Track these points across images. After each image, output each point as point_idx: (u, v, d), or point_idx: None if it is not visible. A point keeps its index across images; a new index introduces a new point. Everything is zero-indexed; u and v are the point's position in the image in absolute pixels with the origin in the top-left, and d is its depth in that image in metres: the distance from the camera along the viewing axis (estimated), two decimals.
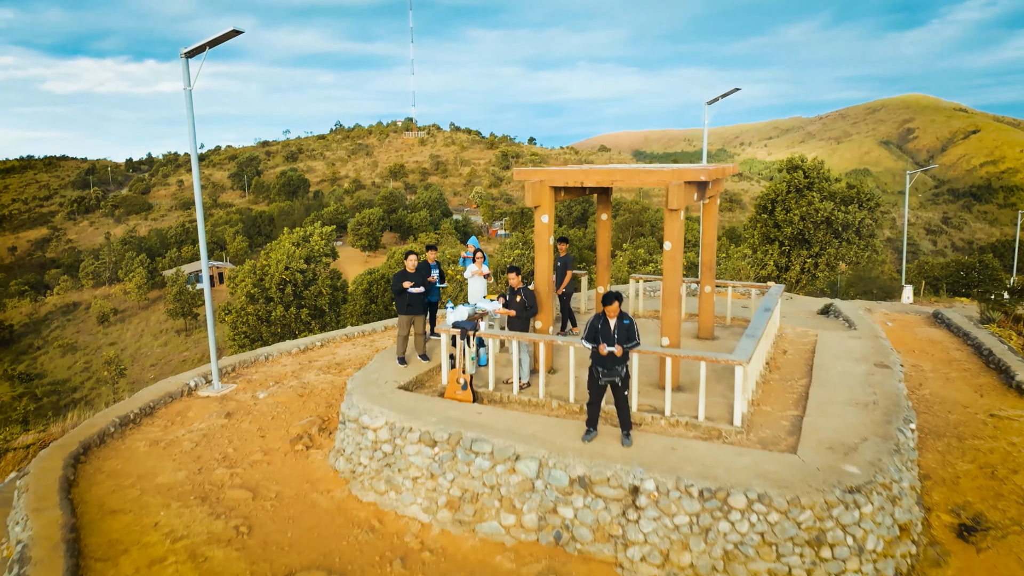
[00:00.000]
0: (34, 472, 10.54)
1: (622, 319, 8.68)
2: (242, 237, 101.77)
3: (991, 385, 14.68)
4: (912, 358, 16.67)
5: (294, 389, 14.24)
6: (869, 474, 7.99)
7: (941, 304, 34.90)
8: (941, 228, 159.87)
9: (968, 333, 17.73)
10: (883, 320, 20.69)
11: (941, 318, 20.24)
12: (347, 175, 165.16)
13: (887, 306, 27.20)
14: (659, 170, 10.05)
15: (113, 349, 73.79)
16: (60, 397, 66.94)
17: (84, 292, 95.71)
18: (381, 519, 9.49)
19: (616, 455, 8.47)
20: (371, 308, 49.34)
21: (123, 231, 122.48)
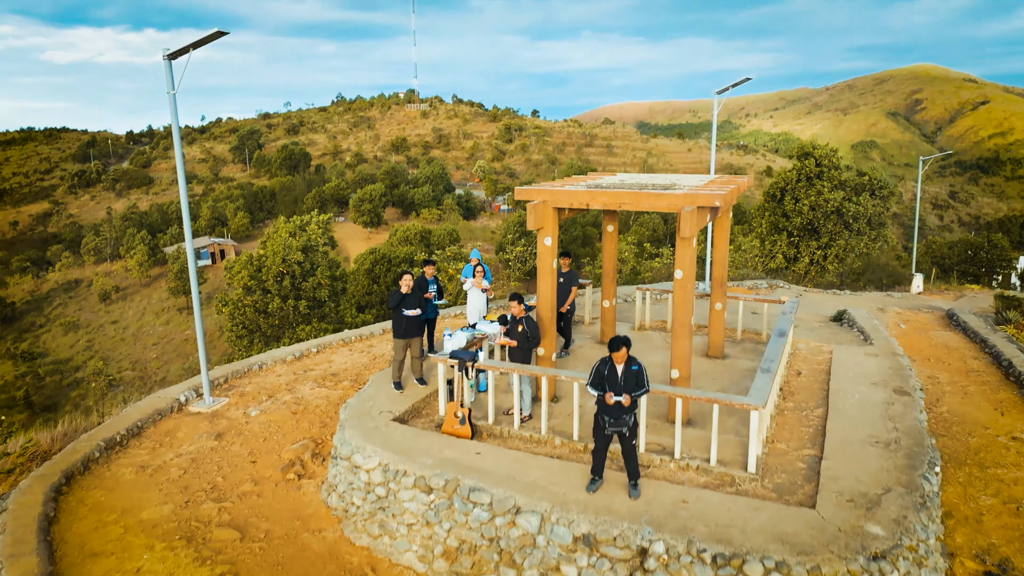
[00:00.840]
0: (12, 508, 10.07)
1: (630, 365, 8.10)
2: (243, 213, 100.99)
3: (1011, 401, 14.12)
4: (928, 368, 16.10)
5: (287, 405, 13.74)
6: (895, 536, 7.46)
7: (951, 293, 34.29)
8: (948, 203, 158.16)
9: (986, 340, 17.13)
10: (896, 321, 20.09)
11: (956, 320, 19.62)
12: (349, 148, 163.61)
13: (898, 300, 26.59)
14: (670, 194, 9.37)
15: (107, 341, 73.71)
16: (63, 376, 66.94)
17: (86, 269, 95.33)
18: (375, 567, 9.02)
19: (623, 510, 7.95)
20: (373, 289, 48.89)
21: (124, 206, 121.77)
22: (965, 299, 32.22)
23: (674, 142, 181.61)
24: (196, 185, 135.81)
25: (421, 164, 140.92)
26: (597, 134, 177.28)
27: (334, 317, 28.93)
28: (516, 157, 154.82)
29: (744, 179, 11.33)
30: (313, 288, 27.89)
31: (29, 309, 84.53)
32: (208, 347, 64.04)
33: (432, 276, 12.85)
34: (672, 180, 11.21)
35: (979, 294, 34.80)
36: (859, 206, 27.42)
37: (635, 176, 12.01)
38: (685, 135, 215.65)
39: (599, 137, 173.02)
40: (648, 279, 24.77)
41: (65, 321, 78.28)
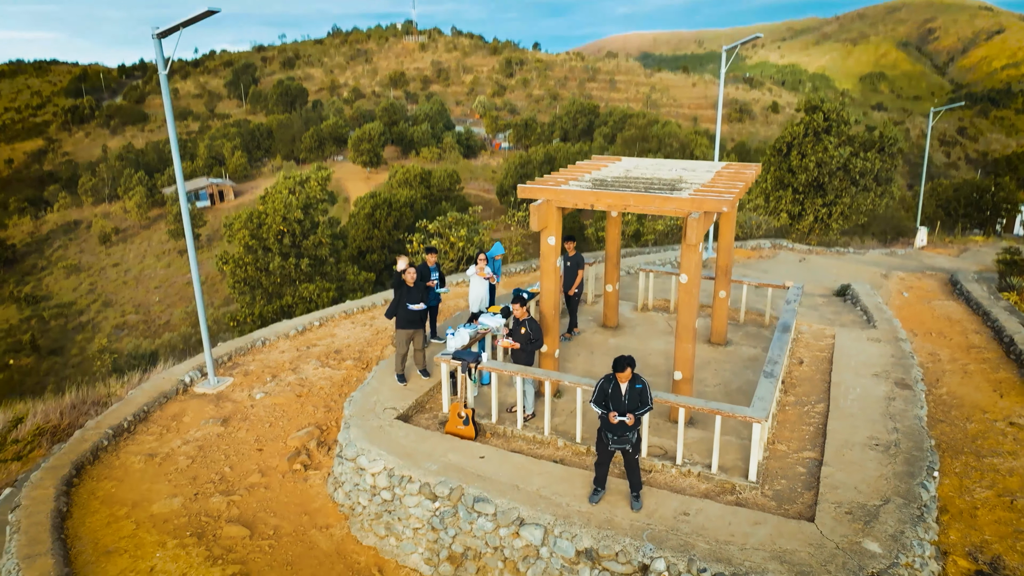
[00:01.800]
0: (25, 504, 10.26)
1: (634, 383, 8.09)
2: (241, 153, 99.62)
3: (1011, 382, 14.20)
4: (929, 343, 16.15)
5: (291, 387, 13.84)
6: (892, 554, 7.61)
7: (955, 246, 34.13)
8: (956, 139, 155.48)
9: (988, 313, 17.11)
10: (899, 289, 20.03)
11: (959, 288, 19.56)
12: (346, 83, 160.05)
13: (901, 259, 26.48)
14: (677, 198, 9.17)
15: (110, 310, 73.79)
16: (67, 320, 67.45)
17: (84, 210, 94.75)
18: (381, 568, 9.25)
19: (625, 524, 8.08)
20: (374, 234, 48.64)
21: (119, 144, 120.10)
22: (969, 253, 32.15)
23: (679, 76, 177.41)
24: (192, 122, 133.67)
25: (420, 100, 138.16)
26: (600, 68, 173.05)
27: (335, 275, 28.88)
28: (517, 92, 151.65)
29: (752, 171, 11.06)
30: (314, 246, 27.76)
31: (30, 251, 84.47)
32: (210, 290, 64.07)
33: (434, 264, 12.74)
34: (679, 172, 10.94)
35: (983, 247, 34.68)
36: (866, 162, 26.95)
37: (641, 164, 11.72)
38: (690, 68, 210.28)
39: (602, 71, 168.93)
40: (650, 240, 24.57)
41: (67, 264, 78.33)
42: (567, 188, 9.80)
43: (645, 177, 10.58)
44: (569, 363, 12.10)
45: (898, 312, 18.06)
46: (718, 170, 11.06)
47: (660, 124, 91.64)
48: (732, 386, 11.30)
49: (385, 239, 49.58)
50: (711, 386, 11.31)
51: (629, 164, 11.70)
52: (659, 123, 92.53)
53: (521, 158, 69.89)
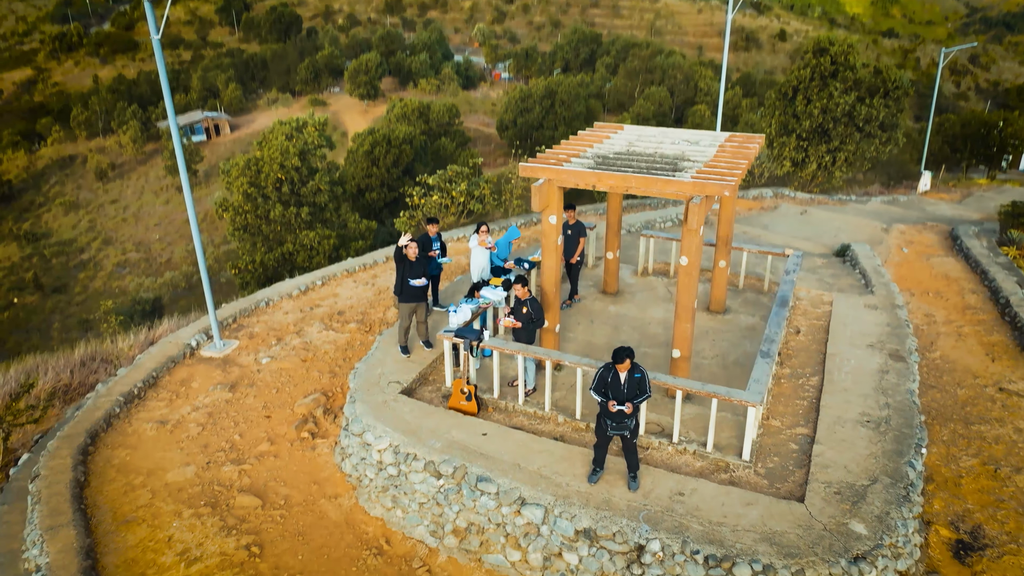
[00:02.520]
0: (44, 475, 10.64)
1: (633, 372, 8.28)
2: (235, 85, 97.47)
3: (1003, 345, 14.44)
4: (926, 303, 16.32)
5: (296, 352, 14.08)
6: (876, 535, 7.97)
7: (958, 191, 33.88)
8: (967, 68, 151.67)
9: (986, 272, 17.21)
10: (899, 244, 20.07)
11: (959, 244, 19.58)
12: (341, 9, 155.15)
13: (903, 208, 26.36)
14: (678, 181, 9.14)
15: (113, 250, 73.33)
16: (68, 258, 67.54)
17: (79, 144, 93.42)
18: (389, 539, 9.67)
19: (622, 504, 8.43)
20: (372, 172, 48.20)
21: (110, 74, 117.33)
22: (972, 199, 31.97)
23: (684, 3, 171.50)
24: (184, 51, 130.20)
25: (418, 28, 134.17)
26: None
27: (336, 222, 28.81)
28: (517, 19, 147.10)
29: (755, 146, 10.94)
30: (312, 194, 27.60)
31: (26, 187, 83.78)
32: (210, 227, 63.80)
33: (435, 234, 12.77)
34: (682, 147, 10.83)
35: (986, 191, 34.46)
36: (872, 109, 26.51)
37: (645, 134, 11.57)
38: None
39: None
40: None
41: (64, 200, 77.83)
42: (569, 168, 9.75)
43: (647, 153, 10.50)
44: (569, 332, 12.29)
45: (897, 270, 18.16)
46: (721, 143, 10.96)
47: (664, 54, 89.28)
48: (729, 358, 11.52)
49: (384, 177, 49.11)
50: (708, 358, 11.53)
51: (632, 135, 11.57)
52: (663, 53, 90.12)
53: (521, 92, 68.44)
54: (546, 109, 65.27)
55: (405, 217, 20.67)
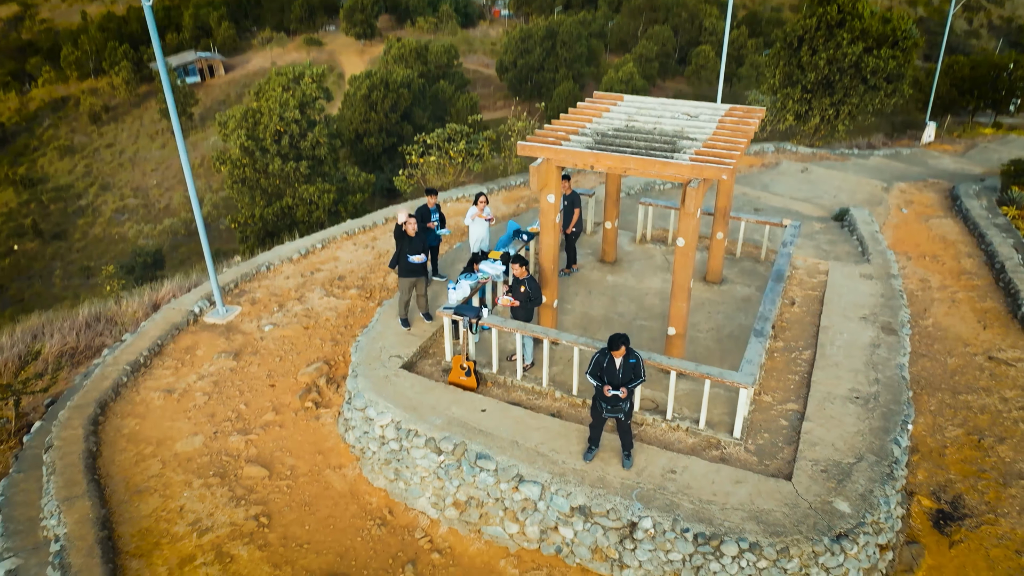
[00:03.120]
0: (58, 445, 10.97)
1: (628, 358, 8.47)
2: (228, 23, 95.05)
3: (995, 312, 14.64)
4: (922, 267, 16.45)
5: (298, 319, 14.29)
6: (859, 514, 8.31)
7: (963, 142, 33.53)
8: (980, 3, 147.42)
9: (983, 235, 17.27)
10: (899, 204, 20.04)
11: (959, 205, 19.54)
12: None
13: (905, 163, 26.17)
14: (676, 163, 9.14)
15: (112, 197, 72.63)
16: (66, 204, 67.25)
17: (70, 85, 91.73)
18: (392, 510, 10.06)
19: (616, 482, 8.75)
20: (371, 117, 47.59)
21: (98, 10, 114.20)
22: (976, 151, 31.69)
23: None
24: None
25: None
26: None
27: (335, 176, 28.66)
28: None
29: (755, 120, 10.86)
30: (312, 147, 27.38)
31: (20, 130, 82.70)
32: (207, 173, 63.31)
33: (434, 205, 12.80)
34: (681, 122, 10.74)
35: (991, 142, 34.10)
36: (879, 60, 26.03)
37: (644, 106, 11.44)
38: None
39: None
40: None
41: (59, 144, 76.94)
42: (567, 148, 9.74)
43: (646, 130, 10.45)
44: (567, 304, 12.46)
45: (895, 232, 18.22)
46: (721, 117, 10.88)
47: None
48: (724, 331, 11.72)
49: (383, 122, 48.51)
50: (703, 331, 11.73)
51: (631, 107, 11.46)
52: None
53: (522, 31, 66.84)
54: (547, 51, 63.89)
55: (404, 176, 20.58)
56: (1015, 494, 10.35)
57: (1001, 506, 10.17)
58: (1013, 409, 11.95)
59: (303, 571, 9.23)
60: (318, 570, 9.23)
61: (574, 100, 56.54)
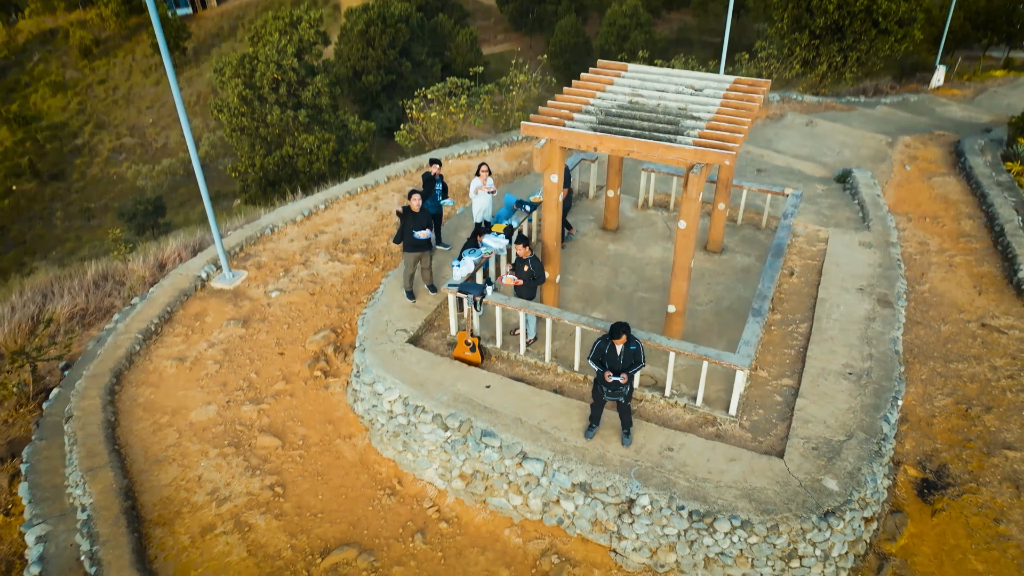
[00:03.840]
0: (77, 416, 11.36)
1: (629, 344, 8.73)
2: None
3: (991, 277, 14.82)
4: (922, 230, 16.55)
5: (304, 284, 14.50)
6: (847, 491, 8.73)
7: (972, 86, 32.98)
8: None
9: (985, 195, 17.28)
10: (903, 160, 19.96)
11: (963, 162, 19.44)
12: None
13: (912, 112, 25.86)
14: (680, 148, 9.18)
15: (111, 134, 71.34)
16: (62, 143, 66.53)
17: (58, 16, 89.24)
18: (401, 480, 10.53)
19: (615, 460, 9.14)
20: (368, 53, 46.62)
21: None
22: (985, 96, 31.24)
23: None
24: None
25: None
26: None
27: (334, 124, 28.36)
28: None
29: (759, 94, 10.79)
30: (313, 96, 27.01)
31: (9, 65, 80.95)
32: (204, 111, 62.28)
33: (438, 174, 12.83)
34: (686, 98, 10.68)
35: (1001, 86, 33.54)
36: (892, 3, 25.39)
37: (648, 78, 11.32)
38: None
39: None
40: (648, 57, 23.46)
41: (51, 80, 75.49)
42: (571, 130, 9.74)
43: (649, 107, 10.40)
44: (570, 275, 12.65)
45: (897, 191, 18.22)
46: (725, 92, 10.79)
47: None
48: (723, 304, 11.95)
49: (380, 59, 47.51)
50: (703, 304, 11.96)
51: (635, 78, 11.34)
52: None
53: None
54: None
55: (405, 130, 20.43)
56: (997, 463, 10.78)
57: (983, 475, 10.62)
58: (1002, 378, 12.29)
59: (318, 540, 9.75)
60: (332, 539, 9.75)
61: (577, 34, 55.03)
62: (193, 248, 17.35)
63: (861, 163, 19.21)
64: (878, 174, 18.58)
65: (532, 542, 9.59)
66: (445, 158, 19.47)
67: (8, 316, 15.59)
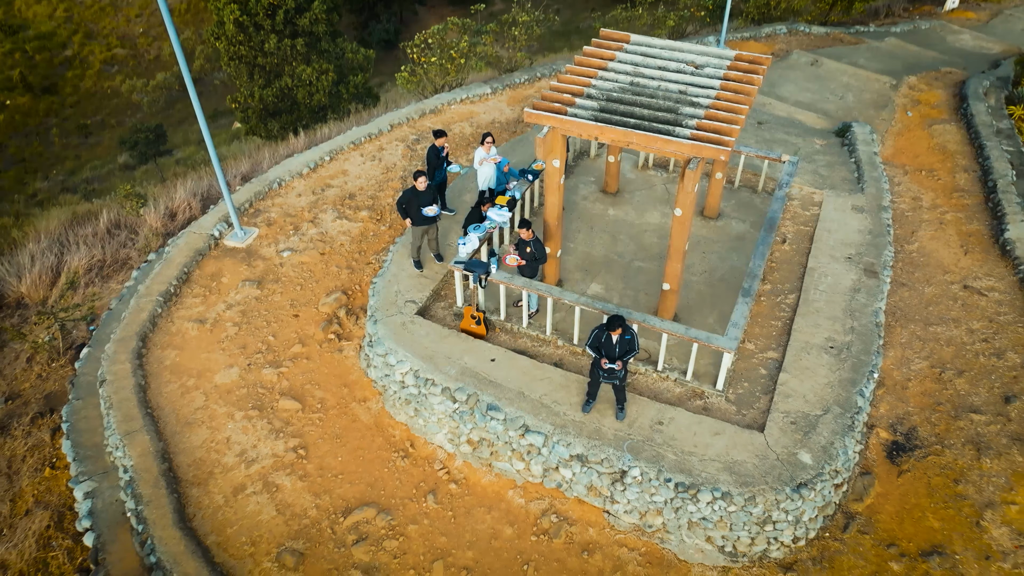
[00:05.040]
0: (111, 380, 12.17)
1: (624, 334, 9.39)
2: None
3: (979, 236, 15.28)
4: (916, 184, 16.87)
5: (314, 244, 15.02)
6: (819, 464, 9.63)
7: (990, 5, 32.14)
8: None
9: (983, 146, 17.46)
10: (904, 105, 19.95)
11: (965, 107, 19.42)
12: None
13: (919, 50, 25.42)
14: (677, 142, 9.51)
15: None
16: (52, 55, 64.96)
17: None
18: (413, 443, 11.46)
19: (610, 434, 10.01)
20: None
21: None
22: (999, 20, 30.53)
23: None
24: None
25: None
26: None
27: (333, 52, 27.89)
28: None
29: (759, 76, 10.95)
30: (311, 23, 26.47)
31: None
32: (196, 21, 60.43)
33: (442, 145, 13.11)
34: (686, 79, 10.85)
35: (1018, 7, 32.63)
36: None
37: (651, 50, 11.41)
38: None
39: None
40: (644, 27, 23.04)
41: None
42: (573, 119, 10.02)
43: (650, 90, 10.59)
44: (570, 243, 13.16)
45: (896, 141, 18.38)
46: (725, 71, 10.94)
47: None
48: (716, 275, 12.53)
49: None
50: (697, 274, 12.53)
51: (637, 54, 11.42)
52: None
53: None
54: None
55: (406, 73, 20.32)
56: (962, 426, 11.67)
57: (948, 438, 11.52)
58: (976, 341, 13.02)
59: (340, 500, 10.77)
60: (353, 499, 10.78)
61: None
62: (201, 196, 17.76)
63: (864, 109, 19.25)
64: (879, 122, 18.67)
65: (533, 503, 10.61)
66: (448, 103, 19.50)
67: (28, 266, 16.24)
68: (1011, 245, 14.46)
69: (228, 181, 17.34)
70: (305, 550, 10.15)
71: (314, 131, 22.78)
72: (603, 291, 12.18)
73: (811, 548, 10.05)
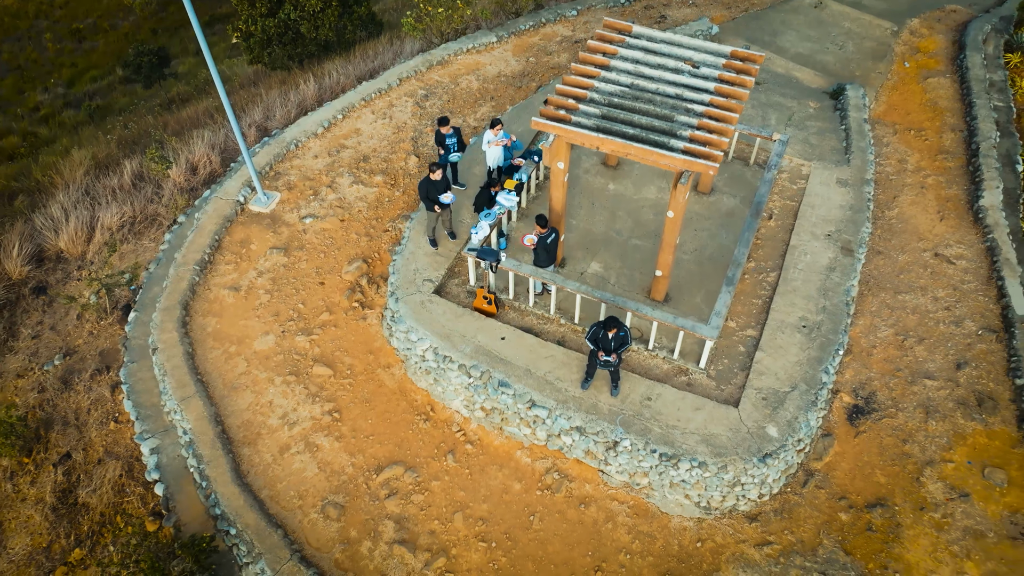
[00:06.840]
0: (162, 348, 13.63)
1: (619, 331, 10.74)
2: None
3: (955, 202, 16.29)
4: (904, 143, 17.67)
5: (333, 210, 16.09)
6: (783, 437, 11.26)
7: None
8: None
9: (972, 104, 18.07)
10: (903, 54, 20.29)
11: (962, 58, 19.76)
12: None
13: None
14: (671, 156, 10.48)
15: None
16: None
17: None
18: (433, 407, 13.08)
19: (605, 409, 11.59)
20: None
21: None
22: None
23: None
24: None
25: None
26: None
27: None
28: None
29: (755, 67, 11.70)
30: None
31: None
32: None
33: (450, 131, 13.94)
34: (683, 83, 11.60)
35: None
36: None
37: (651, 43, 12.07)
38: None
39: None
40: None
41: None
42: (576, 130, 10.92)
43: (649, 93, 11.40)
44: (572, 219, 14.26)
45: (890, 96, 18.94)
46: (720, 71, 11.69)
47: None
48: (706, 253, 13.71)
49: None
50: (688, 252, 13.72)
51: (638, 48, 12.10)
52: None
53: None
54: None
55: (412, 19, 20.53)
56: (916, 391, 13.22)
57: (903, 401, 13.10)
58: (939, 309, 14.37)
59: (372, 458, 12.52)
60: (383, 458, 12.52)
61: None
62: (220, 149, 18.61)
63: (863, 61, 19.65)
64: (875, 76, 19.16)
65: (538, 461, 12.35)
66: (454, 53, 19.90)
67: (63, 220, 17.37)
68: (983, 212, 15.50)
69: (243, 132, 18.15)
70: (345, 503, 11.98)
71: (320, 69, 23.16)
72: (602, 269, 13.42)
73: (774, 502, 11.86)
